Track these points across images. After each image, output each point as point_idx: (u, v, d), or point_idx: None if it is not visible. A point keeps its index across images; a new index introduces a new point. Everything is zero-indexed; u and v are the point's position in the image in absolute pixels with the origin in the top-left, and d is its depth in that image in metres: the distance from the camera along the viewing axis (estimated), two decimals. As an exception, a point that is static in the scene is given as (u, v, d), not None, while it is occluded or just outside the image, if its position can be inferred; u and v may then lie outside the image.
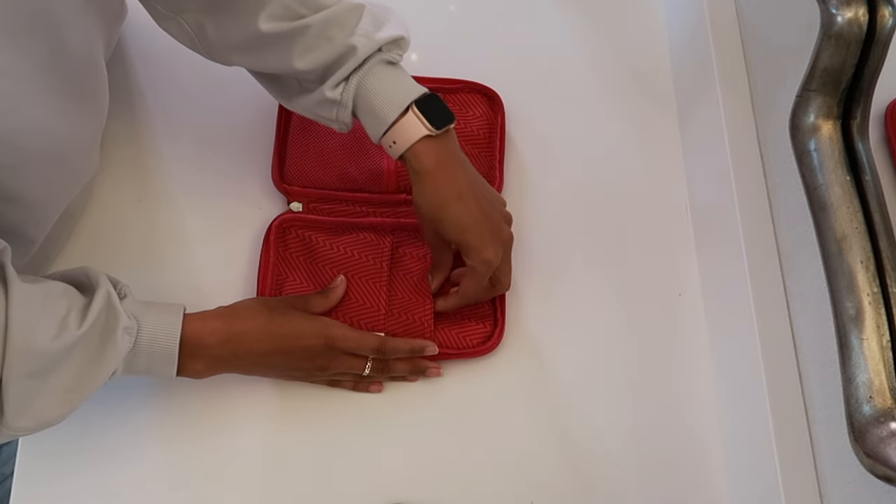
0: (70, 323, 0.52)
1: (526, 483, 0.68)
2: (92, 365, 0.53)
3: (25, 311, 0.50)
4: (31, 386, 0.51)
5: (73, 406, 0.54)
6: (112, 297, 0.55)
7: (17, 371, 0.49)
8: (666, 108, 0.84)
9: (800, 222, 0.65)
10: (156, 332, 0.57)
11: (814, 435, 0.63)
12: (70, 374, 0.52)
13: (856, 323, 0.51)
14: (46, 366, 0.51)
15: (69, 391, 0.53)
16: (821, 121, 0.58)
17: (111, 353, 0.54)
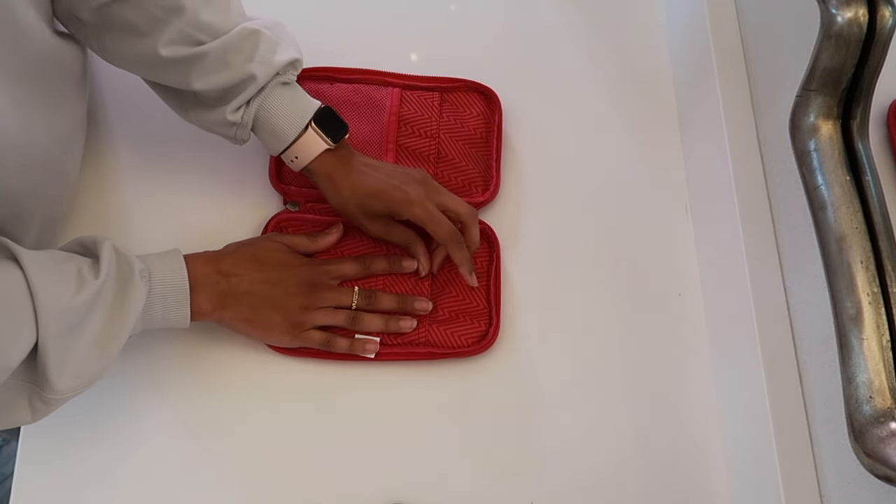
0: (86, 276, 0.55)
1: (525, 483, 0.68)
2: (118, 311, 0.56)
3: (42, 274, 0.52)
4: (67, 343, 0.53)
5: (110, 356, 0.56)
6: (118, 247, 0.58)
7: (52, 332, 0.52)
8: (666, 108, 0.84)
9: (800, 222, 0.65)
10: (165, 274, 0.59)
11: (814, 435, 0.63)
12: (100, 323, 0.55)
13: (856, 323, 0.51)
14: (76, 320, 0.53)
15: (103, 341, 0.55)
16: (821, 121, 0.57)
17: (133, 295, 0.56)
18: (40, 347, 0.52)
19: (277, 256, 0.67)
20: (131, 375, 0.67)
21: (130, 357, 0.67)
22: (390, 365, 0.69)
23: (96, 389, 0.65)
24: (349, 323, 0.67)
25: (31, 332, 0.51)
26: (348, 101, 0.76)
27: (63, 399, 0.55)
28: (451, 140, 0.76)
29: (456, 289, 0.71)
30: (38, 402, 0.55)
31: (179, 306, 0.60)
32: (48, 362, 0.52)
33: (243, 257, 0.65)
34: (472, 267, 0.69)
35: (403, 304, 0.69)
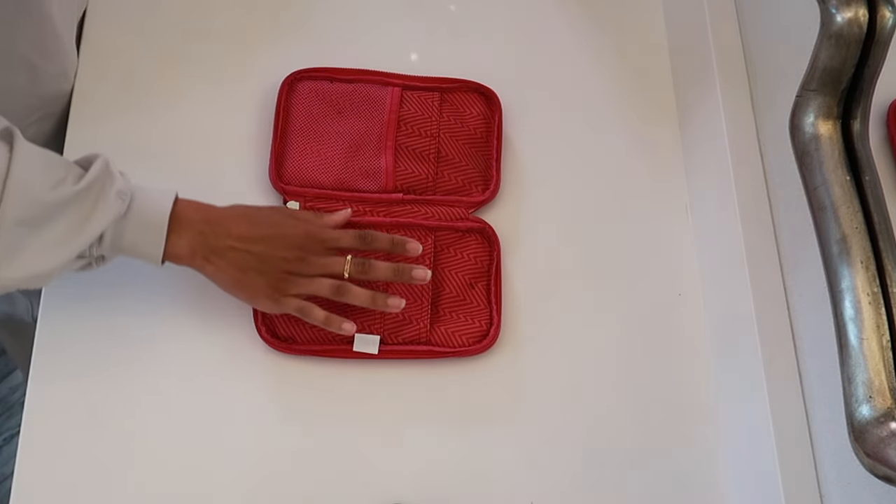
0: (68, 180, 0.55)
1: (525, 483, 0.68)
2: (82, 222, 0.56)
3: (28, 164, 0.53)
4: (22, 234, 0.54)
5: (60, 261, 0.56)
6: (111, 164, 0.58)
7: (10, 217, 0.52)
8: (666, 108, 0.83)
9: (800, 222, 0.65)
10: (146, 203, 0.59)
11: (814, 435, 0.63)
12: (60, 228, 0.55)
13: (856, 323, 0.51)
14: (39, 215, 0.54)
15: (57, 244, 0.55)
16: (821, 121, 0.57)
17: (102, 211, 0.56)
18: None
19: (273, 218, 0.65)
20: (131, 375, 0.67)
21: (131, 355, 0.67)
22: (390, 364, 0.69)
23: (96, 389, 0.66)
24: (334, 293, 0.64)
25: None
26: (348, 100, 0.76)
27: (6, 289, 0.56)
28: (451, 140, 0.76)
29: (456, 289, 0.71)
30: None
31: (153, 240, 0.59)
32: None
33: (237, 213, 0.64)
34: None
35: (399, 273, 0.65)
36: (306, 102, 0.76)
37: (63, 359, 0.66)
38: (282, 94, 0.76)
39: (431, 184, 0.74)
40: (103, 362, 0.67)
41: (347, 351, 0.68)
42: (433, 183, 0.74)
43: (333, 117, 0.75)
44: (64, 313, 0.67)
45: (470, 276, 0.72)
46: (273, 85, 0.76)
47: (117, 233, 0.58)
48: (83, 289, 0.68)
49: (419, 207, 0.73)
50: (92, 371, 0.66)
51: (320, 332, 0.68)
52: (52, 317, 0.67)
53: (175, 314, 0.69)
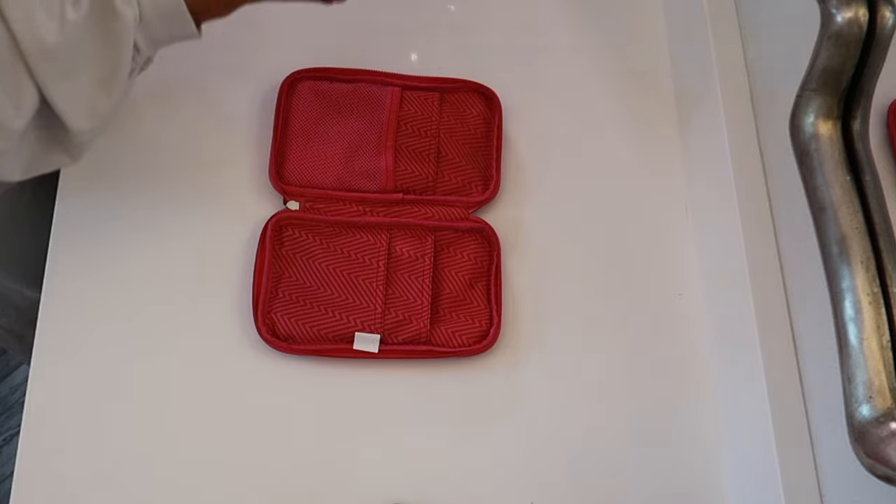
0: (68, 12, 0.53)
1: (525, 483, 0.68)
2: (108, 46, 0.55)
3: (24, 17, 0.51)
4: (70, 87, 0.54)
5: (118, 90, 0.57)
6: None
7: (46, 75, 0.52)
8: (666, 108, 0.83)
9: (800, 222, 0.65)
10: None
11: (814, 435, 0.63)
12: (94, 61, 0.54)
13: (856, 323, 0.51)
14: (67, 62, 0.53)
15: (105, 78, 0.55)
16: (821, 121, 0.57)
17: (120, 26, 0.54)
18: (44, 93, 0.53)
19: None
20: (131, 375, 0.67)
21: (130, 359, 0.67)
22: (390, 364, 0.69)
23: (96, 389, 0.66)
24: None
25: (30, 82, 0.52)
26: (348, 100, 0.76)
27: (91, 139, 0.57)
28: (451, 140, 0.76)
29: (456, 289, 0.71)
30: (70, 144, 0.56)
31: (181, 23, 0.58)
32: (57, 108, 0.54)
33: None
34: None
35: None
36: (306, 102, 0.76)
37: (63, 359, 0.66)
38: (282, 94, 0.76)
39: (431, 184, 0.74)
40: (103, 362, 0.67)
41: (347, 350, 0.68)
42: (433, 183, 0.74)
43: (333, 117, 0.76)
44: (64, 313, 0.67)
45: (470, 276, 0.72)
46: (273, 85, 0.76)
47: (148, 36, 0.57)
48: (84, 288, 0.68)
49: (419, 207, 0.73)
50: (92, 371, 0.66)
51: (320, 332, 0.68)
52: (53, 316, 0.67)
53: (175, 314, 0.69)
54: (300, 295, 0.69)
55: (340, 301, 0.69)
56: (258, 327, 0.68)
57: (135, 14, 0.55)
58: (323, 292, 0.69)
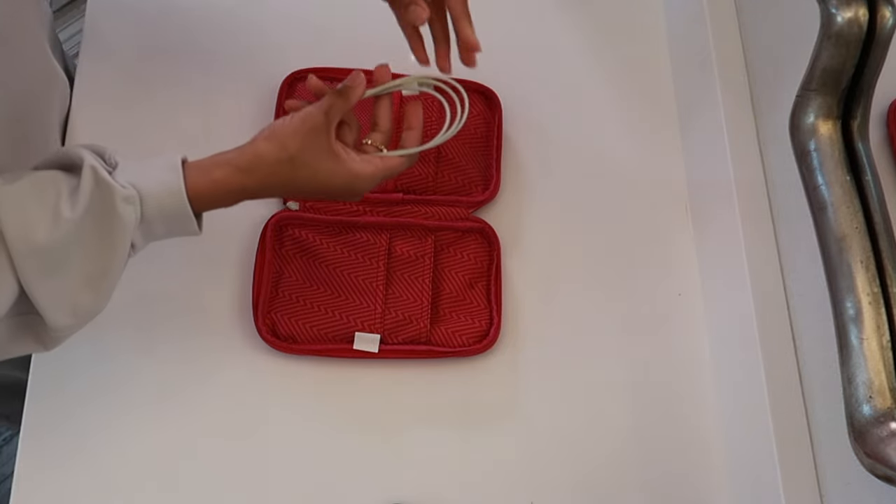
0: (63, 209, 0.50)
1: (525, 483, 0.68)
2: (104, 245, 0.51)
3: (14, 210, 0.49)
4: (55, 284, 0.50)
5: (107, 290, 0.53)
6: (98, 171, 0.51)
7: (32, 274, 0.49)
8: (666, 108, 0.83)
9: (800, 222, 0.65)
10: (161, 197, 0.53)
11: (814, 435, 0.63)
12: (86, 259, 0.51)
13: (856, 323, 0.51)
14: (57, 260, 0.50)
15: (95, 277, 0.52)
16: (821, 121, 0.57)
17: (118, 227, 0.51)
18: (26, 290, 0.49)
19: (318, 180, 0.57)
20: (131, 377, 0.67)
21: (131, 360, 0.67)
22: (390, 364, 0.69)
23: (96, 389, 0.66)
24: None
25: (11, 278, 0.48)
26: (348, 100, 0.76)
27: (69, 334, 0.53)
28: (451, 140, 0.76)
29: (456, 289, 0.71)
30: (45, 335, 0.53)
31: (184, 224, 0.54)
32: (39, 304, 0.50)
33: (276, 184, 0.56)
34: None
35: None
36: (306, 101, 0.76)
37: (63, 358, 0.66)
38: (282, 94, 0.76)
39: (431, 184, 0.74)
40: (103, 362, 0.67)
41: (348, 350, 0.68)
42: (433, 183, 0.74)
43: (333, 117, 0.75)
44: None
45: (470, 276, 0.72)
46: (273, 85, 0.76)
47: (146, 233, 0.54)
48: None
49: (419, 207, 0.73)
50: (92, 371, 0.66)
51: (321, 332, 0.68)
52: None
53: (175, 314, 0.69)
54: (300, 295, 0.69)
55: (340, 301, 0.69)
56: (258, 327, 0.68)
57: (136, 215, 0.52)
58: (323, 292, 0.69)
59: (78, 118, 0.74)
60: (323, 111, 0.57)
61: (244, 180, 0.55)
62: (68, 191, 0.51)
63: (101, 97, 0.75)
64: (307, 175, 0.56)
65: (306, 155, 0.56)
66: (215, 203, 0.55)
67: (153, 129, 0.75)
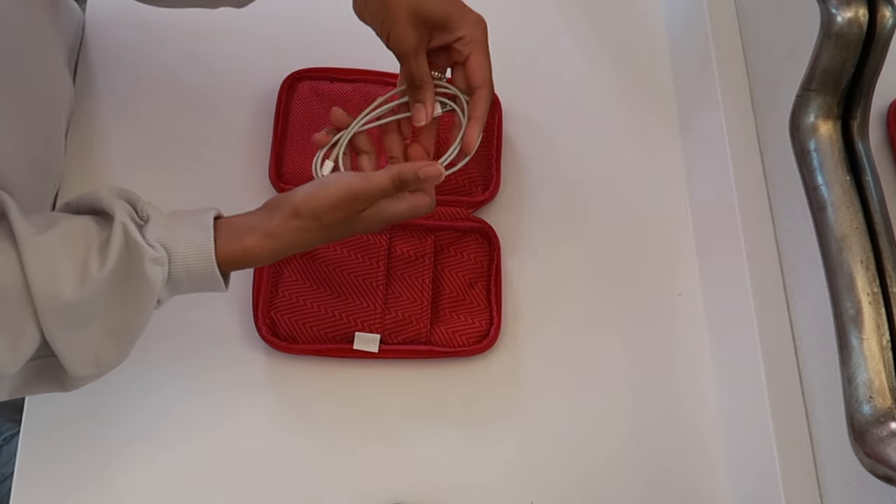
0: (91, 265, 0.50)
1: (525, 483, 0.68)
2: (129, 303, 0.52)
3: (43, 264, 0.48)
4: (78, 337, 0.50)
5: (129, 344, 0.53)
6: (129, 230, 0.51)
7: (55, 327, 0.49)
8: (666, 108, 0.83)
9: (800, 222, 0.65)
10: (188, 258, 0.53)
11: (814, 435, 0.63)
12: (111, 315, 0.51)
13: (856, 323, 0.51)
14: (82, 315, 0.50)
15: (118, 331, 0.52)
16: (821, 121, 0.57)
17: (145, 287, 0.51)
18: (49, 341, 0.50)
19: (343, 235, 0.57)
20: (131, 377, 0.66)
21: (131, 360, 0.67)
22: (391, 364, 0.69)
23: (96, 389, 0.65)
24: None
25: (34, 329, 0.49)
26: (348, 99, 0.76)
27: (89, 382, 0.54)
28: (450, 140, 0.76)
29: (456, 289, 0.71)
30: (65, 379, 0.53)
31: (211, 284, 0.54)
32: (61, 355, 0.50)
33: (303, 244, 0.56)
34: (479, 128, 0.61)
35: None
36: (306, 102, 0.76)
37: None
38: (282, 94, 0.76)
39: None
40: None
41: (348, 350, 0.68)
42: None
43: (333, 117, 0.75)
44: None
45: (470, 276, 0.72)
46: (273, 85, 0.76)
47: (172, 290, 0.54)
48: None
49: (419, 207, 0.73)
50: (92, 371, 0.66)
51: (321, 332, 0.68)
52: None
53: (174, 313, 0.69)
54: (300, 294, 0.69)
55: (340, 301, 0.69)
56: (258, 327, 0.68)
57: (164, 276, 0.52)
58: (323, 292, 0.69)
59: (79, 122, 0.74)
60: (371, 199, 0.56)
61: (272, 245, 0.55)
62: (98, 246, 0.51)
63: (101, 97, 0.75)
64: (342, 233, 0.57)
65: (342, 222, 0.56)
66: (243, 265, 0.55)
67: (153, 130, 0.75)
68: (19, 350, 0.49)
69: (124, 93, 0.76)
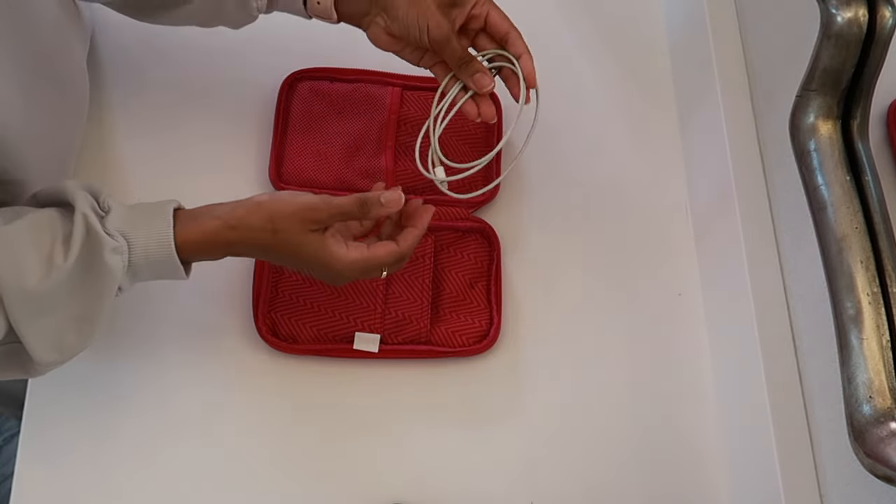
0: (56, 257, 0.52)
1: (525, 483, 0.68)
2: (91, 291, 0.54)
3: (9, 256, 0.51)
4: (43, 325, 0.52)
5: (91, 331, 0.55)
6: (89, 220, 0.53)
7: (21, 314, 0.51)
8: (666, 108, 0.83)
9: (800, 222, 0.65)
10: (148, 245, 0.55)
11: (814, 435, 0.63)
12: (73, 303, 0.53)
13: (856, 323, 0.51)
14: (47, 304, 0.52)
15: (81, 319, 0.54)
16: (821, 121, 0.57)
17: (106, 276, 0.54)
18: (14, 328, 0.52)
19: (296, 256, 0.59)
20: (131, 377, 0.67)
21: (131, 360, 0.67)
22: (391, 364, 0.69)
23: (96, 389, 0.66)
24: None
25: (1, 317, 0.51)
26: (348, 100, 0.76)
27: (52, 368, 0.55)
28: (451, 140, 0.76)
29: (456, 289, 0.71)
30: (30, 366, 0.55)
31: (171, 271, 0.56)
32: (26, 341, 0.52)
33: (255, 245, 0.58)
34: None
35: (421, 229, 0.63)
36: (306, 102, 0.76)
37: (63, 359, 0.66)
38: (282, 94, 0.76)
39: (431, 183, 0.74)
40: (102, 363, 0.67)
41: (348, 350, 0.68)
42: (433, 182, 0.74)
43: (333, 117, 0.76)
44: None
45: (470, 276, 0.72)
46: (273, 85, 0.76)
47: (132, 277, 0.56)
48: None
49: (419, 207, 0.73)
50: (92, 370, 0.66)
51: (321, 332, 0.68)
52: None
53: (175, 313, 0.69)
54: (300, 294, 0.69)
55: (340, 301, 0.69)
56: (258, 327, 0.68)
57: (124, 264, 0.54)
58: (323, 292, 0.69)
59: (78, 118, 0.74)
60: (330, 212, 0.58)
61: (229, 235, 0.57)
62: (62, 237, 0.53)
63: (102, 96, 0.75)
64: (289, 252, 0.58)
65: (291, 236, 0.57)
66: (202, 253, 0.57)
67: (153, 129, 0.75)
68: None
69: (125, 92, 0.76)
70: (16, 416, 0.95)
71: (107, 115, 0.75)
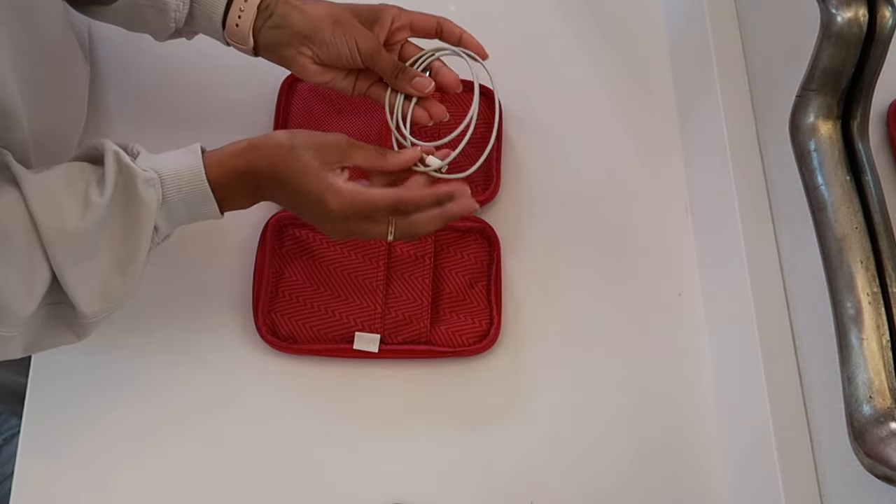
0: (92, 196, 0.53)
1: (525, 483, 0.68)
2: (129, 229, 0.54)
3: (45, 200, 0.51)
4: (86, 269, 0.53)
5: (133, 273, 0.55)
6: (121, 155, 0.54)
7: (63, 259, 0.51)
8: (666, 107, 0.83)
9: (800, 222, 0.65)
10: (180, 176, 0.56)
11: (814, 435, 0.63)
12: (113, 243, 0.54)
13: (856, 323, 0.51)
14: (87, 245, 0.52)
15: (122, 260, 0.55)
16: (821, 121, 0.57)
17: (142, 210, 0.54)
18: (58, 276, 0.52)
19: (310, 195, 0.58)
20: (131, 374, 0.67)
21: (131, 359, 0.67)
22: (391, 364, 0.69)
23: (96, 390, 0.66)
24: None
25: (44, 264, 0.51)
26: (348, 100, 0.76)
27: (99, 321, 0.56)
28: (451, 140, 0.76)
29: (457, 289, 0.71)
30: (76, 324, 0.55)
31: (205, 204, 0.57)
32: (69, 290, 0.52)
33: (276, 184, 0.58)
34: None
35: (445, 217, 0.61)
36: (306, 102, 0.76)
37: (63, 358, 0.66)
38: (282, 93, 0.76)
39: (431, 184, 0.74)
40: (103, 363, 0.67)
41: (348, 350, 0.68)
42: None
43: (333, 117, 0.76)
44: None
45: (470, 276, 0.72)
46: (273, 85, 0.76)
47: (168, 217, 0.56)
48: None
49: (419, 207, 0.73)
50: (92, 371, 0.66)
51: (321, 332, 0.68)
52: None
53: (175, 313, 0.69)
54: (300, 295, 0.69)
55: (340, 301, 0.69)
56: (258, 327, 0.68)
57: (158, 197, 0.55)
58: (323, 292, 0.69)
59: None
60: (349, 146, 0.60)
61: (250, 156, 0.57)
62: (96, 179, 0.54)
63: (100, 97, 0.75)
64: (296, 173, 0.58)
65: (303, 152, 0.58)
66: (232, 182, 0.57)
67: (153, 130, 0.75)
68: (34, 288, 0.51)
69: (124, 93, 0.76)
70: (15, 413, 0.95)
71: (106, 116, 0.75)
